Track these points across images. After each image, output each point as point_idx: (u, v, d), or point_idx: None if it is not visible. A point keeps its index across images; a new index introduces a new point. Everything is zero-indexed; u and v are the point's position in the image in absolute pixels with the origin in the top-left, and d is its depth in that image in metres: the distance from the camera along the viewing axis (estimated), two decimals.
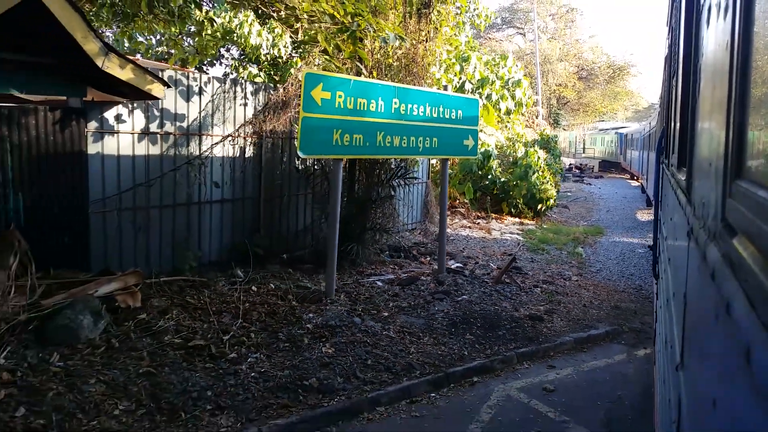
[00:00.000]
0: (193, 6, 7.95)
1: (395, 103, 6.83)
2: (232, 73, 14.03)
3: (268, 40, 11.86)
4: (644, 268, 10.14)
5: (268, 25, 12.25)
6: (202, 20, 8.11)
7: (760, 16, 0.88)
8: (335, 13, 6.09)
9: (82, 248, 6.37)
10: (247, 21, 10.50)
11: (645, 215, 17.11)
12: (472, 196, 14.42)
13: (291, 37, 8.12)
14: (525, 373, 5.60)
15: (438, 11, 8.21)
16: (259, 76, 12.94)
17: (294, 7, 6.60)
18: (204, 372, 4.72)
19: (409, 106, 7.02)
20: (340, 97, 6.09)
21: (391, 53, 8.06)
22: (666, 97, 5.08)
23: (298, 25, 7.54)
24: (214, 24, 8.10)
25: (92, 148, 6.38)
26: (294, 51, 12.78)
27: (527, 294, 7.82)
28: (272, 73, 13.49)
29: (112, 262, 6.60)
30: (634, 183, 28.53)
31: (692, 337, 1.41)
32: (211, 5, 9.93)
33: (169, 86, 6.37)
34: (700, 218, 1.41)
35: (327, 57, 6.77)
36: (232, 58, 14.40)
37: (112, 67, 5.75)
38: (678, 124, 2.89)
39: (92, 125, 6.36)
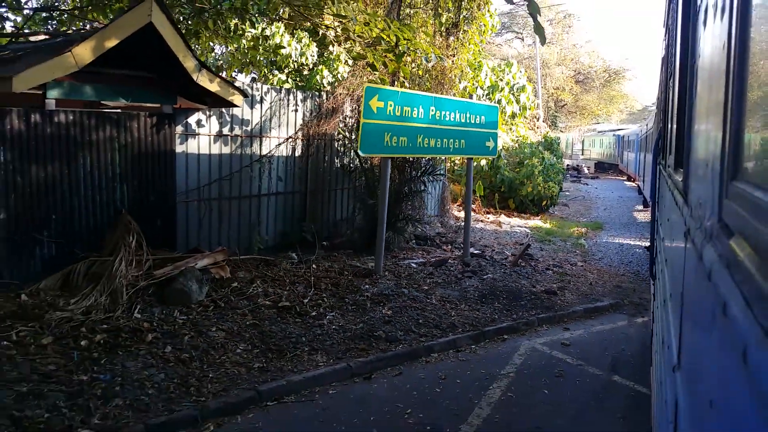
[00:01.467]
0: (247, 24, 9.13)
1: (432, 110, 8.06)
2: (260, 80, 15.21)
3: (296, 49, 13.09)
4: (641, 257, 11.39)
5: (296, 36, 13.46)
6: (258, 36, 9.30)
7: (756, 17, 0.88)
8: (384, 36, 7.30)
9: (170, 231, 7.56)
10: (278, 32, 11.70)
11: (641, 214, 18.34)
12: (482, 193, 15.65)
13: (345, 54, 9.29)
14: (545, 333, 6.84)
15: (464, 30, 9.45)
16: (287, 82, 14.16)
17: (347, 29, 7.79)
18: (295, 325, 5.93)
19: (443, 112, 8.26)
20: (390, 105, 7.32)
21: (422, 66, 9.30)
22: (663, 98, 5.11)
23: (355, 45, 8.71)
24: (268, 40, 9.29)
25: (179, 148, 7.58)
26: (319, 58, 13.99)
27: (541, 275, 9.07)
28: (297, 79, 14.70)
29: (192, 243, 7.79)
30: (630, 184, 29.55)
31: (689, 338, 1.39)
32: (251, 16, 11.12)
33: (247, 96, 7.57)
34: (697, 219, 1.40)
35: (374, 71, 7.98)
36: (263, 65, 15.58)
37: (204, 80, 6.97)
38: (675, 126, 2.88)
39: (179, 129, 7.55)
